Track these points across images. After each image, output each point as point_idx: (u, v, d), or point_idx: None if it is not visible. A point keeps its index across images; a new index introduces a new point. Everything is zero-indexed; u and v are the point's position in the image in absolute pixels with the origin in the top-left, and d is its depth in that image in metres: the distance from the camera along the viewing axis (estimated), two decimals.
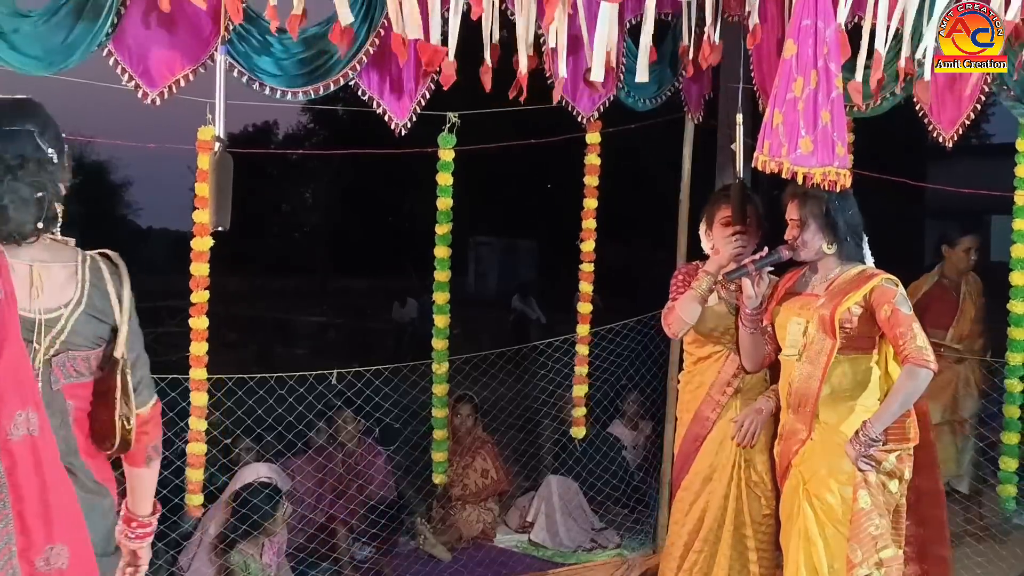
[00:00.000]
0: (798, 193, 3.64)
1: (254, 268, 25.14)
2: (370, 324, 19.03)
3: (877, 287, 3.53)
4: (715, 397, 3.97)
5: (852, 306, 3.54)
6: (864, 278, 3.58)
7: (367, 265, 25.80)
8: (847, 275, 3.62)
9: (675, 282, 4.03)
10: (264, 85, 3.93)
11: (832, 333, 3.54)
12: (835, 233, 3.62)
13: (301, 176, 30.55)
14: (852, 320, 3.54)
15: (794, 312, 3.69)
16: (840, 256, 3.65)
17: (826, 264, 3.67)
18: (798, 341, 3.65)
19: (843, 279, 3.62)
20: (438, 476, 5.04)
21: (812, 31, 3.50)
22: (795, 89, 3.51)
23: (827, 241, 3.63)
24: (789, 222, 3.68)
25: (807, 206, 3.62)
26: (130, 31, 3.65)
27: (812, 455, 3.61)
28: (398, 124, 4.29)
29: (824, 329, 3.57)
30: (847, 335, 3.54)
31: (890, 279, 3.57)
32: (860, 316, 3.54)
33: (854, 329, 3.55)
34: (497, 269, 25.80)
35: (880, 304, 3.50)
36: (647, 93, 5.02)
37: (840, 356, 3.56)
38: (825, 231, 3.62)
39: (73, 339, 2.42)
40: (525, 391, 5.99)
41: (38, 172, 2.38)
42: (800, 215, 3.64)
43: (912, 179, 4.87)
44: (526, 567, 5.65)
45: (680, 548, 4.01)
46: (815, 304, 3.62)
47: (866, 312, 3.54)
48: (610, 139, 5.21)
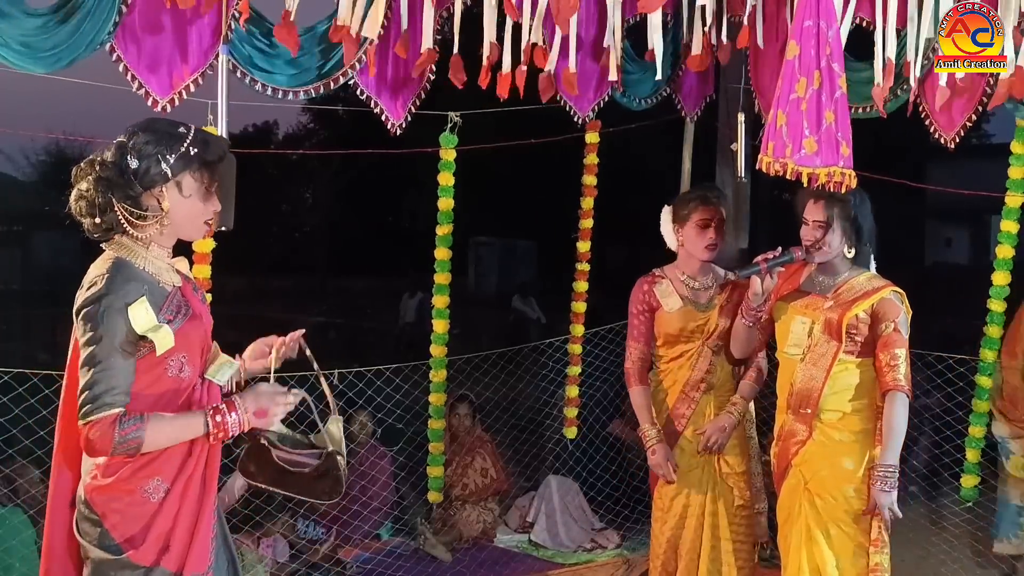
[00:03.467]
0: (823, 195, 3.59)
1: (254, 268, 25.11)
2: (370, 324, 19.00)
3: (886, 299, 3.55)
4: (690, 394, 4.02)
5: (860, 313, 3.55)
6: (875, 287, 3.58)
7: (367, 265, 25.77)
8: (857, 280, 3.62)
9: (633, 300, 4.09)
10: (267, 86, 3.95)
11: (838, 337, 3.55)
12: (858, 237, 3.62)
13: (301, 176, 30.50)
14: (859, 327, 3.55)
15: (799, 311, 3.68)
16: (853, 260, 3.65)
17: (836, 266, 3.66)
18: (802, 341, 3.64)
19: (852, 284, 3.62)
20: (433, 494, 5.05)
21: (814, 32, 3.50)
22: (798, 90, 3.51)
23: (848, 245, 3.62)
24: (810, 223, 3.63)
25: (833, 208, 3.58)
26: (133, 32, 3.66)
27: (813, 455, 3.62)
28: (394, 124, 4.31)
29: (830, 332, 3.57)
30: (852, 340, 3.56)
31: (898, 292, 3.58)
32: (867, 325, 3.56)
33: (860, 336, 3.56)
34: (497, 269, 25.76)
35: (884, 318, 3.52)
36: (642, 93, 5.02)
37: (844, 359, 3.57)
38: (849, 235, 3.61)
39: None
40: (525, 391, 5.99)
41: (90, 175, 2.51)
42: (826, 217, 3.59)
43: (911, 179, 4.87)
44: (526, 567, 5.65)
45: (663, 545, 4.05)
46: (823, 306, 3.62)
47: (871, 321, 3.55)
48: (610, 139, 5.21)
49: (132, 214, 2.51)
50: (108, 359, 2.42)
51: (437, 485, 5.04)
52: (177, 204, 2.57)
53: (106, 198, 2.49)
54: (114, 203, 2.49)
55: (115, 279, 2.46)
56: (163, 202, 2.54)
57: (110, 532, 2.49)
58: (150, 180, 2.52)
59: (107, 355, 2.42)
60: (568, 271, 5.53)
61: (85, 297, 2.47)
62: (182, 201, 2.57)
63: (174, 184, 2.54)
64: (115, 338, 2.42)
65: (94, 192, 2.49)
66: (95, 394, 2.40)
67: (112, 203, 2.49)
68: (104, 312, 2.43)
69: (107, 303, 2.43)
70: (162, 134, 2.55)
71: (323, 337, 18.92)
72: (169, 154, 2.53)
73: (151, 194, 2.54)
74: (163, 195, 2.54)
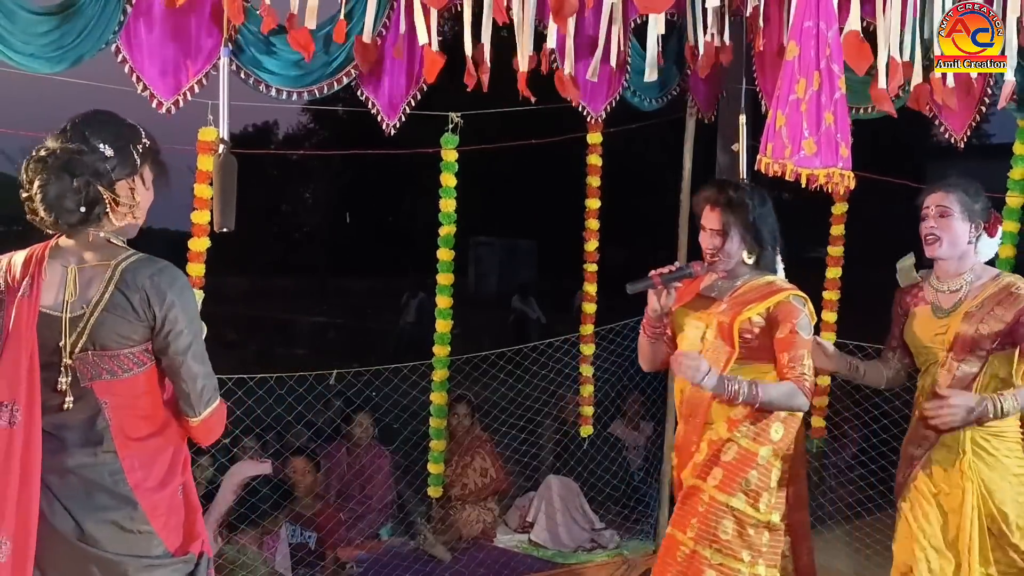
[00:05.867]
0: (720, 202, 3.43)
1: (254, 268, 25.13)
2: (370, 324, 19.02)
3: (783, 302, 3.36)
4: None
5: (754, 316, 3.37)
6: (771, 290, 3.40)
7: (367, 265, 25.80)
8: (755, 283, 3.43)
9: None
10: (270, 87, 3.96)
11: (730, 341, 3.37)
12: (758, 243, 3.43)
13: (301, 176, 30.52)
14: (753, 331, 3.37)
15: (694, 315, 3.51)
16: (756, 266, 3.47)
17: (737, 271, 3.48)
18: (696, 347, 3.44)
19: (749, 287, 3.43)
20: (433, 489, 5.06)
21: (814, 33, 3.50)
22: (798, 91, 3.51)
23: (748, 251, 3.44)
24: (707, 231, 3.46)
25: (731, 215, 3.41)
26: (138, 33, 3.66)
27: (704, 468, 3.41)
28: (389, 124, 4.33)
29: (722, 336, 3.39)
30: (747, 345, 3.37)
31: (798, 296, 3.40)
32: (762, 328, 3.37)
33: (755, 340, 3.37)
34: (497, 269, 25.78)
35: (782, 321, 3.34)
36: (653, 93, 5.03)
37: (738, 365, 3.37)
38: (748, 241, 3.43)
39: (97, 338, 2.45)
40: (525, 391, 5.99)
41: (73, 161, 2.42)
42: (722, 224, 3.42)
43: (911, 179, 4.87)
44: (526, 567, 5.65)
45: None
46: (716, 309, 3.44)
47: (768, 325, 3.37)
48: (610, 139, 5.21)
49: (116, 203, 2.48)
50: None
51: (437, 481, 5.04)
52: (143, 195, 2.56)
53: (94, 188, 2.44)
54: (101, 193, 2.46)
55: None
56: (135, 192, 2.53)
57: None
58: (125, 170, 2.50)
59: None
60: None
61: (187, 290, 2.53)
62: (145, 193, 2.57)
63: (139, 175, 2.53)
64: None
65: (81, 182, 2.43)
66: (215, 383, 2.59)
67: (100, 193, 2.45)
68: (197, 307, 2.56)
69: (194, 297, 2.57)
70: (121, 124, 2.53)
71: (323, 337, 18.97)
72: (137, 144, 2.52)
73: (125, 184, 2.51)
74: (134, 185, 2.53)
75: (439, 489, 5.09)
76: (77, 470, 2.45)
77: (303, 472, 5.54)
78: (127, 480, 2.47)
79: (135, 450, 2.50)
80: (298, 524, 5.37)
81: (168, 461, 2.55)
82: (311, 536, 5.38)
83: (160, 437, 2.55)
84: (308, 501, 5.53)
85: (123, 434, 2.48)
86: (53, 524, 2.42)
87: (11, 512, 2.37)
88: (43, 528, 2.41)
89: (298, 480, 5.51)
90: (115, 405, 2.48)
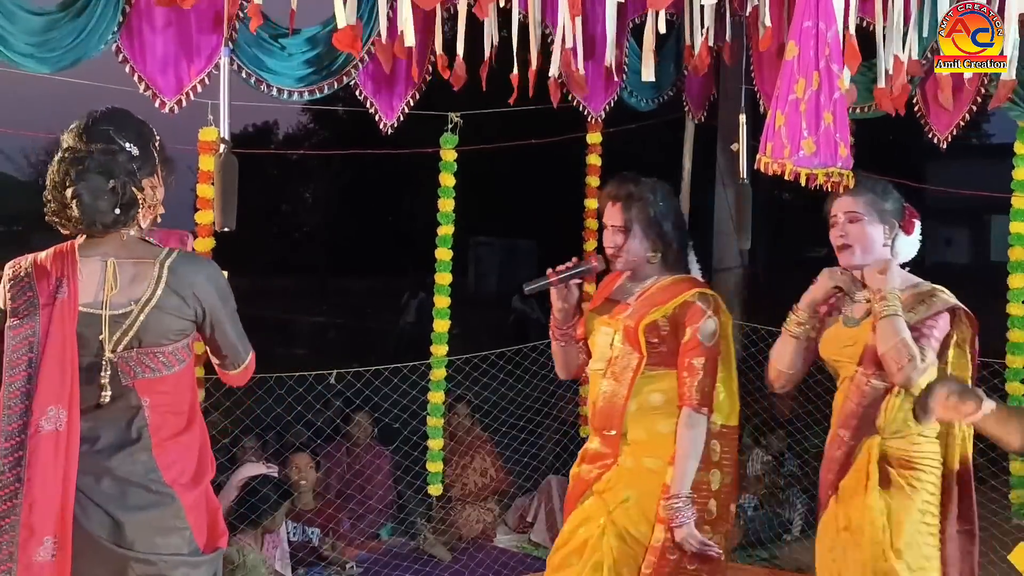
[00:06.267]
0: (620, 196, 3.27)
1: (254, 268, 25.12)
2: (370, 324, 19.01)
3: (687, 302, 3.17)
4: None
5: (660, 319, 3.18)
6: (677, 289, 3.22)
7: (367, 265, 25.79)
8: (662, 283, 3.25)
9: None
10: (271, 86, 3.96)
11: (637, 347, 3.18)
12: (661, 240, 3.26)
13: (301, 176, 30.51)
14: (660, 334, 3.18)
15: (604, 321, 3.32)
16: (663, 264, 3.29)
17: (646, 272, 3.30)
18: (605, 354, 3.26)
19: (657, 287, 3.25)
20: (434, 487, 5.06)
21: (813, 33, 3.50)
22: (797, 90, 3.51)
23: (652, 249, 3.27)
24: (609, 228, 3.29)
25: (631, 210, 3.24)
26: (139, 32, 3.67)
27: (618, 481, 3.20)
28: (386, 124, 4.33)
29: (629, 342, 3.20)
30: (655, 350, 3.17)
31: (704, 295, 3.21)
32: (668, 331, 3.18)
33: (662, 344, 3.18)
34: (497, 269, 25.77)
35: (686, 323, 3.16)
36: (649, 93, 5.03)
37: (649, 372, 3.18)
38: (650, 238, 3.26)
39: (144, 336, 2.46)
40: (525, 391, 5.99)
41: (110, 163, 2.42)
42: (623, 220, 3.25)
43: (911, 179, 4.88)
44: (526, 567, 5.65)
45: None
46: (623, 313, 3.25)
47: (672, 328, 3.18)
48: (610, 140, 5.22)
49: (145, 201, 2.50)
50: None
51: (437, 479, 5.04)
52: (160, 192, 2.58)
53: (129, 189, 2.45)
54: (135, 194, 2.46)
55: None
56: (156, 190, 2.55)
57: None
58: (148, 168, 2.51)
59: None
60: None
61: (223, 279, 2.62)
62: (160, 189, 2.58)
63: (156, 172, 2.55)
64: None
65: (118, 183, 2.43)
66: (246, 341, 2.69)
67: (135, 194, 2.46)
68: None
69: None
70: (140, 123, 2.54)
71: (323, 337, 18.97)
72: (154, 141, 2.53)
73: (148, 182, 2.52)
74: (155, 183, 2.54)
75: (439, 487, 5.10)
76: (114, 470, 2.45)
77: (305, 468, 5.55)
78: (163, 477, 2.47)
79: (170, 448, 2.51)
80: (300, 523, 5.37)
81: (197, 458, 2.57)
82: (314, 532, 5.38)
83: (189, 434, 2.56)
84: (310, 499, 5.53)
85: (159, 432, 2.49)
86: (85, 527, 2.42)
87: (56, 513, 2.37)
88: (75, 531, 2.40)
89: (300, 477, 5.51)
90: (154, 404, 2.49)
